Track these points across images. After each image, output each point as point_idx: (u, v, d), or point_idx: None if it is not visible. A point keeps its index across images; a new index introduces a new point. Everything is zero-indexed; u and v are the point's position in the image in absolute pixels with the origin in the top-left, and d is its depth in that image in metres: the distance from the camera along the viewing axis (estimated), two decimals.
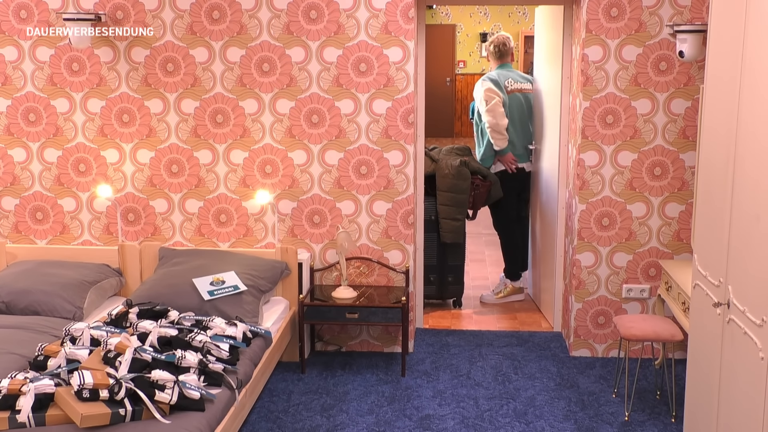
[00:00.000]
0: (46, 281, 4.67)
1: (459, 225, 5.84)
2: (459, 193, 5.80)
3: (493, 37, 6.28)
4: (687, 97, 4.89)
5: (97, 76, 5.10)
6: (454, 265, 6.03)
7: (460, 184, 5.80)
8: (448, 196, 5.80)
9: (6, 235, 5.32)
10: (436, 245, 5.94)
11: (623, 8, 4.82)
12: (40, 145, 5.21)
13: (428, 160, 5.87)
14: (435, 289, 6.05)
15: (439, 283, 6.04)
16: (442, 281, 6.04)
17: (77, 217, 5.28)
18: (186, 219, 5.23)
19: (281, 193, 5.15)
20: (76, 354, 3.63)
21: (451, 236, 5.83)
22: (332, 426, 4.27)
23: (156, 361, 3.53)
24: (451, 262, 6.02)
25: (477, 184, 5.90)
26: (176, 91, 5.08)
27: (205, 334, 3.99)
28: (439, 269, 6.01)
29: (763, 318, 2.67)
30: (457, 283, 6.08)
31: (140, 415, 3.29)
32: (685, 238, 5.02)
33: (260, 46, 4.99)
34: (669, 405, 4.47)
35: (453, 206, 5.79)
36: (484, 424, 4.30)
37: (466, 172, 5.82)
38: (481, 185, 5.91)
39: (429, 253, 5.91)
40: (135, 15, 4.99)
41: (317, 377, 4.89)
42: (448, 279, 6.03)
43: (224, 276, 4.67)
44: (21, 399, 3.27)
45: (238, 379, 3.81)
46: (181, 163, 5.16)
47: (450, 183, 5.78)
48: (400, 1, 4.88)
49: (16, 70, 5.13)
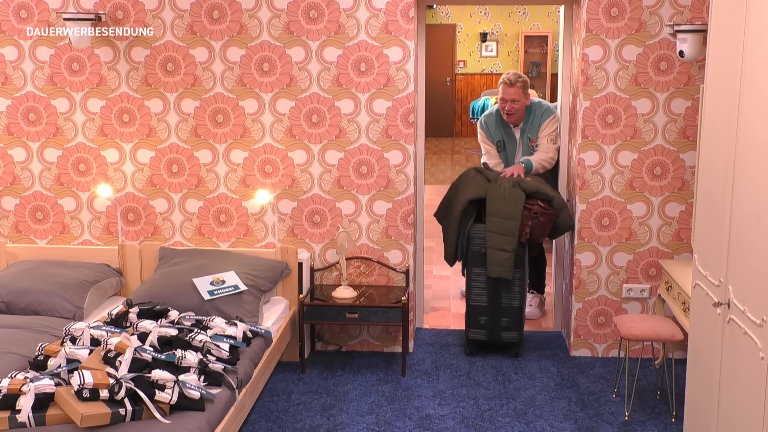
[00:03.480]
0: (46, 281, 4.67)
1: (507, 257, 4.90)
2: (509, 219, 4.88)
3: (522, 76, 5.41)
4: (687, 97, 4.89)
5: (97, 76, 5.10)
6: (508, 306, 5.09)
7: (510, 209, 4.88)
8: (497, 221, 4.90)
9: (6, 234, 5.32)
10: (486, 281, 5.09)
11: (623, 8, 4.82)
12: (40, 145, 5.21)
13: (482, 179, 5.11)
14: (486, 333, 5.14)
15: (490, 326, 5.13)
16: (494, 325, 5.14)
17: (77, 216, 5.28)
18: (186, 219, 5.23)
19: (281, 193, 5.15)
20: (76, 354, 3.63)
21: (497, 270, 4.93)
22: (332, 426, 4.27)
23: (156, 360, 3.53)
24: (506, 303, 5.09)
25: (536, 211, 4.90)
26: (176, 90, 5.08)
27: (205, 333, 4.00)
28: (491, 310, 5.12)
29: (763, 318, 2.67)
30: (514, 327, 5.12)
31: (140, 415, 3.29)
32: (686, 238, 5.02)
33: (260, 46, 4.99)
34: (669, 405, 4.47)
35: (501, 234, 4.89)
36: (484, 424, 4.30)
37: (518, 195, 4.89)
38: (543, 213, 4.92)
39: (478, 291, 5.12)
40: (135, 15, 4.99)
41: (317, 377, 4.89)
42: (501, 323, 5.13)
43: (224, 276, 4.67)
44: (21, 399, 3.28)
45: (238, 378, 3.81)
46: (181, 162, 5.16)
47: (499, 206, 4.91)
48: (400, 0, 4.88)
49: (16, 69, 5.13)
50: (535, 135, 5.42)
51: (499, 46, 15.75)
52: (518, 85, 5.30)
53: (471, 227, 5.06)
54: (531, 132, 5.43)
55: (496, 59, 15.76)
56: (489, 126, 5.56)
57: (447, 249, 5.19)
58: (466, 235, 5.07)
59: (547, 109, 5.42)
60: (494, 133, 5.52)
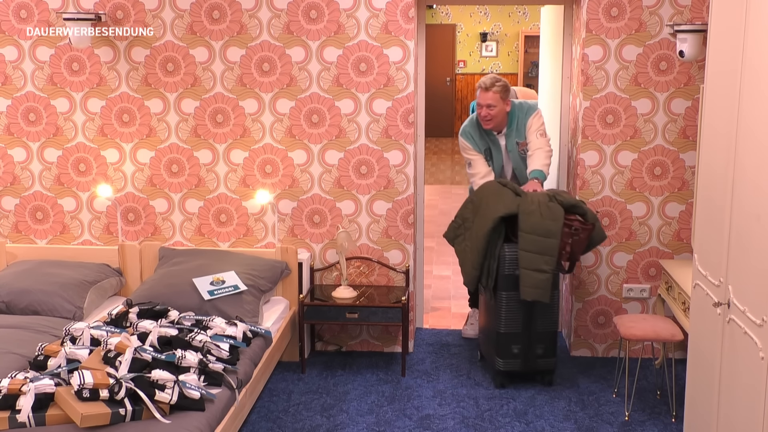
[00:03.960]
0: (46, 281, 4.67)
1: (545, 279, 4.41)
2: (547, 236, 4.40)
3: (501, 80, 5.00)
4: (687, 97, 4.89)
5: (97, 76, 5.10)
6: (544, 332, 4.65)
7: (548, 225, 4.41)
8: (532, 240, 4.40)
9: (6, 234, 5.32)
10: (520, 306, 4.59)
11: (623, 8, 4.82)
12: (40, 145, 5.21)
13: (510, 193, 4.61)
14: (520, 363, 4.65)
15: (524, 356, 4.64)
16: (528, 353, 4.65)
17: (77, 216, 5.28)
18: (186, 219, 5.23)
19: (281, 193, 5.15)
20: (76, 354, 3.63)
21: (534, 293, 4.42)
22: (332, 426, 4.27)
23: (156, 360, 3.53)
24: (542, 329, 4.64)
25: (576, 227, 4.45)
26: (176, 90, 5.08)
27: (205, 333, 3.99)
28: (525, 338, 4.63)
29: (763, 318, 2.67)
30: (550, 353, 4.68)
31: (140, 415, 3.29)
32: (686, 238, 5.02)
33: (260, 46, 4.99)
34: (669, 405, 4.47)
35: (538, 253, 4.41)
36: (484, 424, 4.30)
37: (557, 210, 4.43)
38: (582, 229, 4.48)
39: (511, 317, 4.60)
40: (135, 15, 4.99)
41: (317, 377, 4.89)
42: (536, 351, 4.66)
43: (224, 276, 4.67)
44: (21, 399, 3.27)
45: (238, 378, 3.81)
46: (181, 162, 5.16)
47: (536, 223, 4.41)
48: (400, 0, 4.88)
49: (16, 69, 5.13)
50: (523, 138, 5.01)
51: (499, 46, 15.76)
52: (495, 90, 4.89)
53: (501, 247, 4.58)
54: (518, 136, 5.02)
55: (496, 59, 15.77)
56: (473, 134, 5.08)
57: (468, 272, 4.67)
58: (497, 256, 4.56)
59: (528, 107, 5.04)
60: (479, 141, 5.07)
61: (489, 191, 4.71)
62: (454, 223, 4.85)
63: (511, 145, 5.04)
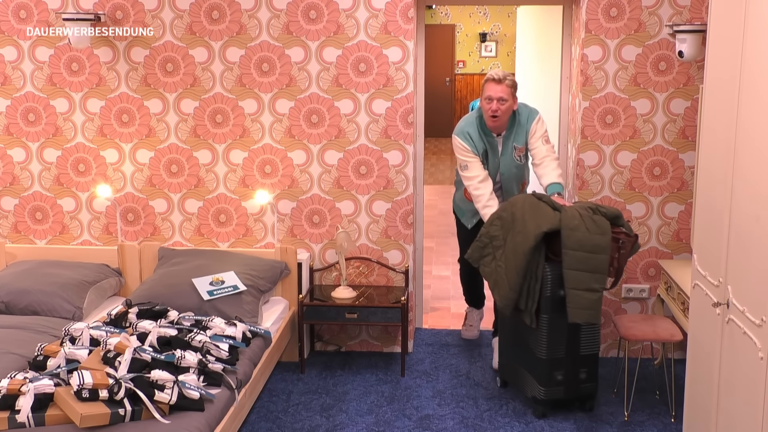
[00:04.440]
0: (46, 281, 4.67)
1: (596, 298, 4.09)
2: (596, 252, 4.07)
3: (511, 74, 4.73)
4: (686, 97, 4.90)
5: (97, 76, 5.10)
6: (588, 354, 4.33)
7: (597, 240, 4.07)
8: (581, 256, 4.06)
9: (5, 235, 5.32)
10: (565, 329, 4.23)
11: (623, 8, 4.82)
12: (39, 145, 5.21)
13: (549, 208, 4.23)
14: (563, 390, 4.30)
15: (567, 381, 4.30)
16: (571, 378, 4.30)
17: (77, 217, 5.28)
18: (185, 219, 5.22)
19: (281, 193, 5.15)
20: (75, 354, 3.63)
21: (584, 314, 4.09)
22: (332, 426, 4.28)
23: (155, 361, 3.53)
24: (585, 351, 4.31)
25: (623, 240, 4.14)
26: (176, 91, 5.08)
27: (204, 334, 4.00)
28: (569, 363, 4.28)
29: (762, 318, 2.67)
30: (591, 378, 4.37)
31: (140, 415, 3.29)
32: (685, 238, 5.02)
33: (260, 46, 4.99)
34: (668, 405, 4.47)
35: (587, 271, 4.07)
36: (484, 424, 4.30)
37: (604, 223, 4.11)
38: (627, 241, 4.15)
39: (555, 341, 4.24)
40: (134, 15, 4.99)
41: (317, 377, 4.89)
42: (580, 376, 4.32)
43: (224, 276, 4.67)
44: (20, 399, 3.28)
45: (237, 379, 3.81)
46: (180, 163, 5.16)
47: (582, 238, 4.07)
48: (399, 1, 4.88)
49: (15, 70, 5.13)
50: (522, 143, 4.73)
51: (498, 46, 15.76)
52: (507, 83, 4.58)
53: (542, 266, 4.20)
54: (517, 140, 4.72)
55: (496, 59, 15.77)
56: (471, 135, 4.71)
57: (505, 294, 4.26)
58: (539, 276, 4.19)
59: (530, 111, 4.76)
60: (477, 142, 4.71)
61: (523, 206, 4.29)
62: (479, 242, 4.45)
63: (508, 148, 4.75)
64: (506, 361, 4.62)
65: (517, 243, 4.18)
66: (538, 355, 4.25)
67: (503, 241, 4.30)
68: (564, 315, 4.16)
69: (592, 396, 4.41)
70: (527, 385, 4.40)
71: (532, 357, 4.30)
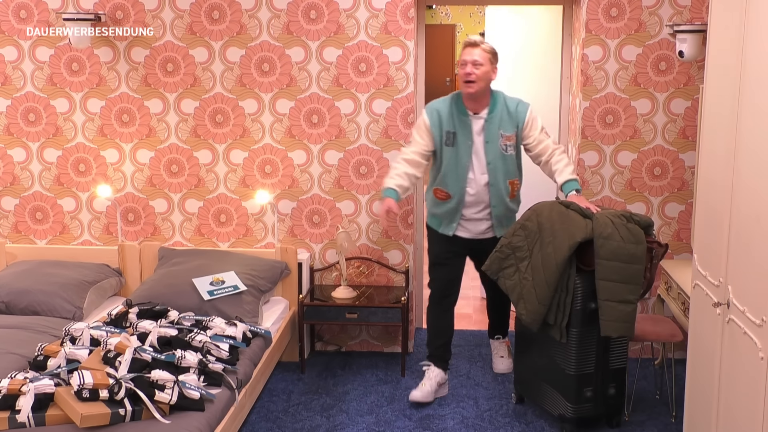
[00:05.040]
0: (46, 281, 4.67)
1: (631, 310, 3.90)
2: (631, 262, 3.87)
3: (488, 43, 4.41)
4: (687, 97, 4.89)
5: (97, 76, 5.10)
6: (617, 368, 4.13)
7: (632, 250, 3.87)
8: (615, 267, 3.86)
9: (6, 235, 5.32)
10: (595, 343, 4.03)
11: (623, 8, 4.82)
12: (39, 145, 5.21)
13: (578, 216, 4.00)
14: (592, 407, 4.09)
15: (596, 398, 4.09)
16: (600, 395, 4.10)
17: (77, 217, 5.28)
18: (186, 219, 5.23)
19: (281, 193, 5.15)
20: (75, 354, 3.63)
21: (619, 327, 3.89)
22: (332, 426, 4.28)
23: (156, 361, 3.53)
24: (615, 365, 4.12)
25: (655, 250, 4.02)
26: (176, 91, 5.08)
27: (204, 334, 4.00)
28: (598, 378, 4.08)
29: (762, 318, 2.67)
30: (620, 393, 4.17)
31: (140, 415, 3.30)
32: (685, 238, 5.02)
33: (260, 46, 4.99)
34: (669, 405, 4.47)
35: (622, 283, 3.87)
36: (484, 424, 4.30)
37: (638, 232, 3.93)
38: (658, 249, 4.03)
39: (585, 356, 4.03)
40: (135, 15, 4.99)
41: (317, 377, 4.89)
42: (608, 391, 4.12)
43: (224, 276, 4.67)
44: (21, 399, 3.28)
45: (237, 379, 3.81)
46: (180, 163, 5.16)
47: (617, 248, 3.86)
48: (399, 1, 4.88)
49: (15, 70, 5.13)
50: (511, 132, 4.34)
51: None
52: (483, 47, 4.26)
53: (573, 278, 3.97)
54: (505, 126, 4.33)
55: None
56: (441, 111, 4.38)
57: (534, 309, 4.03)
58: (570, 288, 3.96)
59: (520, 101, 4.42)
60: (445, 121, 4.36)
61: (550, 215, 4.08)
62: (499, 253, 4.23)
63: (493, 134, 4.32)
64: (525, 377, 4.41)
65: (547, 254, 3.97)
66: (567, 371, 4.04)
67: (528, 252, 4.10)
68: (594, 328, 3.97)
69: (620, 411, 4.23)
70: (553, 402, 4.18)
71: (560, 373, 4.08)
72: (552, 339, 4.08)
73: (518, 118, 4.37)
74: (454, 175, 4.39)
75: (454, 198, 4.43)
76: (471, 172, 4.38)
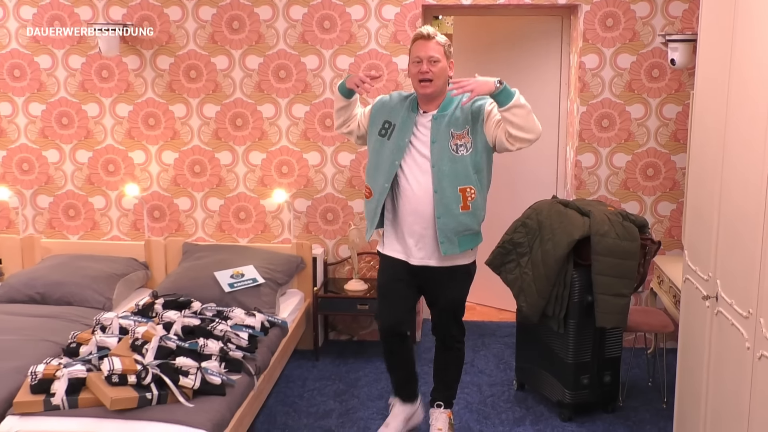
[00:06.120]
0: (78, 274, 4.70)
1: (624, 303, 3.92)
2: (626, 258, 3.90)
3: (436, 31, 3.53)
4: (678, 103, 4.88)
5: (125, 83, 5.12)
6: (612, 357, 4.16)
7: (626, 246, 3.89)
8: (610, 262, 3.88)
9: (41, 230, 5.35)
10: (591, 333, 4.06)
11: (618, 19, 4.81)
12: (72, 147, 5.24)
13: (576, 214, 4.02)
14: (588, 393, 4.13)
15: (592, 385, 4.13)
16: (596, 382, 4.13)
17: (107, 214, 5.31)
18: (208, 216, 5.24)
19: (297, 192, 5.16)
20: (105, 342, 3.65)
21: (614, 318, 3.90)
22: (344, 410, 4.28)
23: (180, 348, 3.54)
24: (610, 354, 4.15)
25: (648, 247, 4.02)
26: (198, 96, 5.09)
27: (225, 323, 4.00)
28: (595, 366, 4.11)
29: (749, 310, 2.66)
30: (615, 379, 4.21)
31: (165, 399, 3.31)
32: (676, 235, 5.01)
33: (277, 54, 5.00)
34: (660, 391, 4.46)
35: (617, 277, 3.89)
36: (487, 409, 4.30)
37: (633, 230, 3.94)
38: (651, 246, 4.03)
39: (582, 346, 4.05)
40: (160, 25, 5.01)
41: (330, 364, 4.90)
42: (604, 378, 4.15)
43: (243, 269, 4.68)
44: (55, 383, 3.30)
45: (256, 365, 3.82)
46: (203, 163, 5.18)
47: (612, 244, 3.87)
48: (408, 11, 4.89)
49: (50, 77, 5.16)
50: (461, 129, 3.47)
51: None
52: (438, 40, 3.47)
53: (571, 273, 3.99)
54: (456, 124, 3.47)
55: None
56: (391, 101, 3.64)
57: (534, 302, 4.03)
58: (568, 282, 3.97)
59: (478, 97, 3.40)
60: (391, 111, 3.60)
61: (549, 213, 4.08)
62: (501, 249, 4.20)
63: (440, 132, 3.48)
64: (525, 365, 4.42)
65: (547, 251, 3.98)
66: (565, 359, 4.07)
67: (529, 248, 4.11)
68: (590, 320, 3.99)
69: (615, 398, 4.25)
70: (552, 388, 4.21)
71: (558, 361, 4.12)
72: (551, 329, 4.12)
73: (475, 113, 3.48)
74: (379, 172, 3.56)
75: (374, 196, 3.60)
76: (403, 174, 3.51)
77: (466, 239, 3.56)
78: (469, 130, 3.48)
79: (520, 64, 5.58)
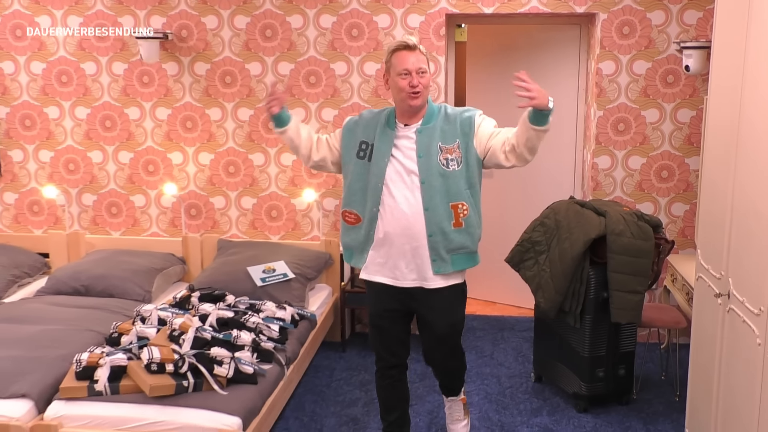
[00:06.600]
0: (120, 268, 4.75)
1: (638, 300, 3.90)
2: (640, 256, 3.88)
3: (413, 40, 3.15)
4: (692, 107, 4.83)
5: (164, 88, 5.17)
6: (626, 351, 4.14)
7: (641, 245, 3.88)
8: (625, 260, 3.87)
9: (85, 227, 5.42)
10: (606, 328, 4.05)
11: (634, 27, 4.77)
12: (114, 149, 5.30)
13: (593, 214, 4.01)
14: (603, 386, 4.11)
15: (607, 378, 4.11)
16: (610, 375, 4.12)
17: (146, 211, 5.36)
18: (241, 214, 5.28)
19: (325, 192, 5.18)
20: (145, 332, 3.69)
21: (628, 314, 3.89)
22: (370, 399, 4.30)
23: (215, 339, 3.57)
24: (624, 348, 4.14)
25: (662, 246, 4.02)
26: (233, 100, 5.13)
27: (257, 316, 4.03)
28: (610, 360, 4.10)
29: (760, 308, 2.63)
30: (629, 373, 4.19)
31: (201, 387, 3.34)
32: (690, 235, 4.96)
33: (307, 61, 5.02)
34: (673, 385, 4.42)
35: (631, 275, 3.88)
36: (506, 400, 4.29)
37: (648, 229, 3.92)
38: (665, 245, 4.03)
39: (597, 340, 4.04)
40: (198, 33, 5.05)
41: (356, 356, 4.91)
42: (619, 371, 4.13)
43: (275, 265, 4.71)
44: (98, 370, 3.34)
45: (286, 356, 3.85)
46: (237, 164, 5.21)
47: (627, 243, 3.86)
48: (432, 20, 4.88)
49: (95, 82, 5.23)
50: (451, 143, 3.12)
51: None
52: (422, 49, 3.15)
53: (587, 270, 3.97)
54: (444, 137, 3.13)
55: None
56: (363, 121, 3.27)
57: (551, 298, 4.00)
58: (584, 279, 3.96)
59: (468, 108, 3.22)
60: (367, 129, 3.23)
61: (567, 213, 4.07)
62: (520, 247, 4.21)
63: (427, 148, 3.13)
64: (543, 358, 4.41)
65: (564, 249, 3.97)
66: (581, 353, 4.05)
67: (547, 246, 4.10)
68: (606, 315, 3.98)
69: (629, 390, 4.22)
70: (568, 381, 4.20)
71: (575, 355, 4.10)
72: (568, 324, 4.10)
73: (464, 125, 3.16)
74: (364, 194, 3.20)
75: (364, 221, 3.20)
76: (389, 193, 3.14)
77: (460, 258, 3.21)
78: (459, 143, 3.13)
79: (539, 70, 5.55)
